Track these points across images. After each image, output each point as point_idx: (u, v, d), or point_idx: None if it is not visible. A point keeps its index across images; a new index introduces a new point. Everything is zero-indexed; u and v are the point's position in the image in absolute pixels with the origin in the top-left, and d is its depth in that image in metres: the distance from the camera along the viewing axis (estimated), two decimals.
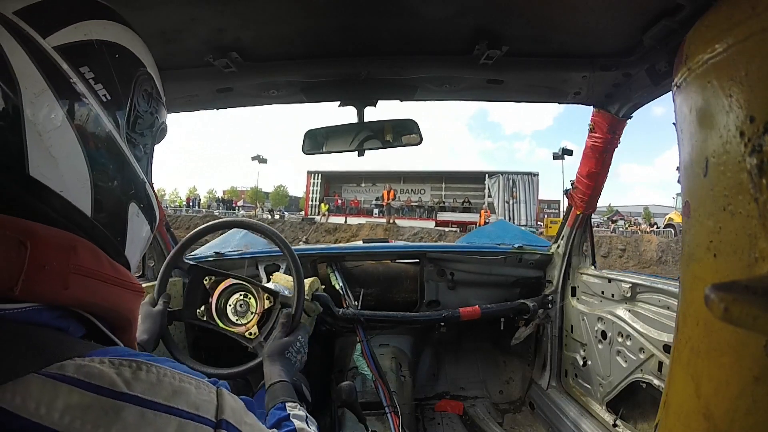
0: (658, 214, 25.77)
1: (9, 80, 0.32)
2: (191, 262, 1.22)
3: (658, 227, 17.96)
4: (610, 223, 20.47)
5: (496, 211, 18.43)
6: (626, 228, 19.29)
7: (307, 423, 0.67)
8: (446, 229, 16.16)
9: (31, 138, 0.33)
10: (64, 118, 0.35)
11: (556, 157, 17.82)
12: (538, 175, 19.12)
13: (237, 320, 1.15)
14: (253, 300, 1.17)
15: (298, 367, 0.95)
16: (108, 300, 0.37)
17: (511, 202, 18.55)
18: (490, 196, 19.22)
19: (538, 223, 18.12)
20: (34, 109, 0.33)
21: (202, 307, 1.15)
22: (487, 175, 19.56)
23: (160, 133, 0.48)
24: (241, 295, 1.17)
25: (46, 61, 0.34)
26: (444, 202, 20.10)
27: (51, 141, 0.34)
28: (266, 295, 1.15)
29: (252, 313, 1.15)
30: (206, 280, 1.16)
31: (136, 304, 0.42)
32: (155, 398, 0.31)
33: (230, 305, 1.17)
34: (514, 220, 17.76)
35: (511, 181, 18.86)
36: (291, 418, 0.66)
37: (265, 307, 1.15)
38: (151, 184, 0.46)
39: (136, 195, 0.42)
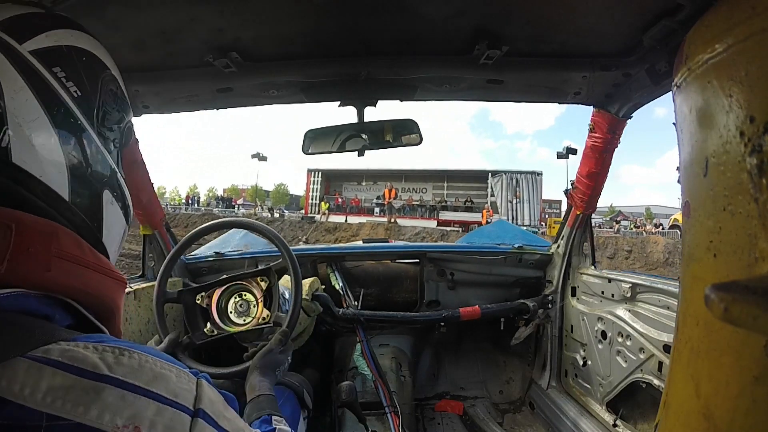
0: (660, 214, 25.70)
1: None
2: (190, 261, 1.22)
3: (663, 228, 17.86)
4: (614, 223, 20.16)
5: (499, 210, 18.21)
6: (631, 229, 18.98)
7: None
8: (448, 228, 15.98)
9: (13, 129, 0.37)
10: (41, 110, 0.39)
11: (560, 156, 17.67)
12: (541, 174, 18.79)
13: (244, 320, 1.16)
14: (249, 295, 1.17)
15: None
16: (90, 286, 0.40)
17: (514, 202, 18.30)
18: (492, 195, 18.99)
19: (541, 223, 17.95)
20: (14, 103, 0.37)
21: (208, 324, 1.15)
22: (490, 174, 19.27)
23: (127, 131, 0.51)
24: (236, 296, 1.17)
25: (23, 63, 0.39)
26: (446, 202, 19.90)
27: (30, 131, 0.38)
28: (259, 278, 1.16)
29: (254, 306, 1.16)
30: (199, 299, 1.17)
31: (119, 293, 0.44)
32: (136, 381, 0.33)
33: (231, 311, 1.17)
34: (517, 219, 17.59)
35: (514, 181, 18.56)
36: None
37: (264, 288, 1.15)
38: (123, 175, 0.50)
39: (109, 183, 0.46)
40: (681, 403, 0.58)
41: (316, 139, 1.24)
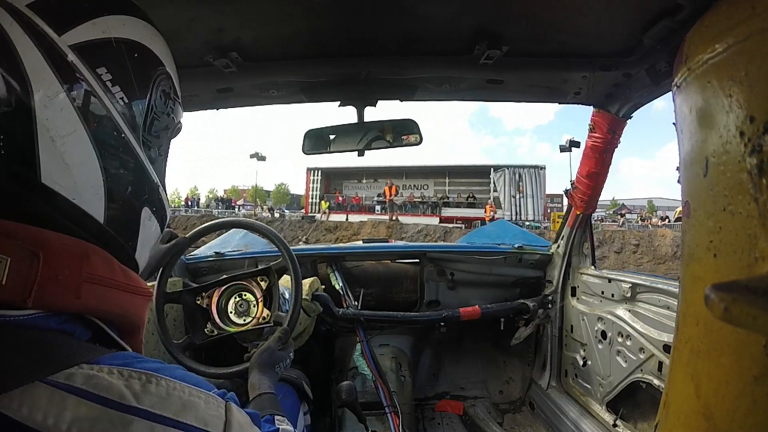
0: (662, 207, 25.49)
1: (21, 80, 0.30)
2: (190, 261, 1.22)
3: (669, 221, 17.58)
4: (619, 216, 19.67)
5: (503, 205, 17.88)
6: (637, 222, 18.48)
7: None
8: (451, 225, 15.74)
9: (44, 144, 0.31)
10: (79, 123, 0.33)
11: (563, 149, 17.49)
12: (544, 168, 18.34)
13: (244, 320, 1.16)
14: (249, 294, 1.17)
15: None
16: (119, 306, 0.37)
17: (517, 197, 17.95)
18: (495, 190, 18.55)
19: (545, 218, 17.61)
20: (47, 113, 0.31)
21: (208, 324, 1.15)
22: (492, 169, 18.88)
23: (174, 131, 0.47)
24: (236, 296, 1.17)
25: (61, 61, 0.32)
26: (448, 198, 19.54)
27: (64, 147, 0.32)
28: (259, 278, 1.16)
29: (254, 306, 1.16)
30: (199, 300, 1.16)
31: (144, 308, 0.41)
32: (164, 412, 0.31)
33: (231, 312, 1.17)
34: (521, 215, 17.35)
35: (517, 175, 18.18)
36: None
37: (264, 288, 1.15)
38: (164, 186, 0.45)
39: (149, 199, 0.41)
40: (681, 403, 0.58)
41: (316, 139, 1.24)
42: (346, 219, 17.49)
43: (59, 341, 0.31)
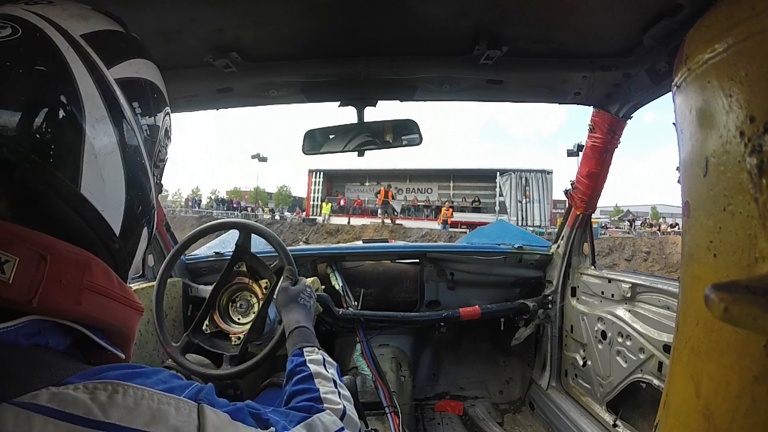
0: (665, 213, 25.23)
1: (76, 102, 0.35)
2: (190, 262, 1.22)
3: (678, 228, 17.46)
4: (627, 223, 19.26)
5: (508, 210, 17.59)
6: (645, 228, 18.13)
7: (324, 367, 0.67)
8: (457, 230, 15.35)
9: (88, 159, 0.36)
10: (117, 145, 0.38)
11: (570, 153, 17.34)
12: (551, 172, 17.95)
13: (239, 319, 1.16)
14: (249, 294, 1.17)
15: (313, 314, 0.94)
16: (116, 318, 0.38)
17: (524, 202, 17.60)
18: (501, 195, 18.34)
19: (552, 224, 17.05)
20: (95, 133, 0.36)
21: (208, 323, 1.15)
22: (498, 173, 18.48)
23: (165, 162, 0.51)
24: (236, 296, 1.18)
25: (108, 91, 0.38)
26: (453, 202, 19.15)
27: (104, 165, 0.37)
28: (262, 282, 1.16)
29: (255, 305, 1.16)
30: (198, 298, 1.17)
31: (136, 322, 0.43)
32: (133, 425, 0.30)
33: (231, 311, 1.17)
34: (527, 220, 17.07)
35: (523, 179, 17.82)
36: (307, 363, 0.67)
37: (264, 287, 1.15)
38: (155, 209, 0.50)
39: (149, 220, 0.46)
40: (681, 403, 0.58)
41: (316, 140, 1.24)
42: (348, 222, 17.32)
43: (27, 359, 0.31)
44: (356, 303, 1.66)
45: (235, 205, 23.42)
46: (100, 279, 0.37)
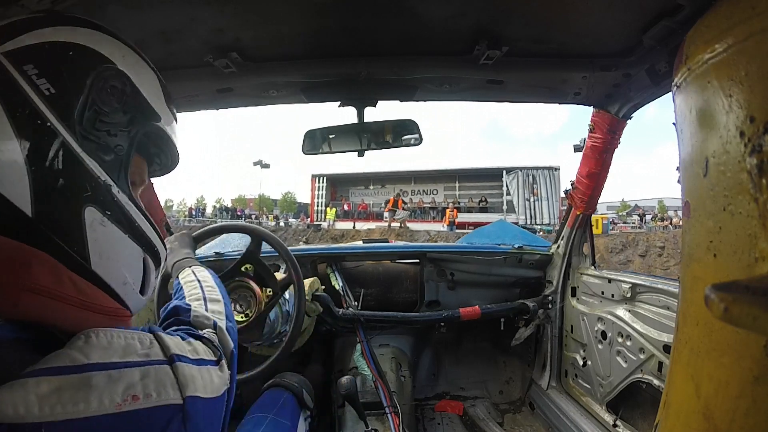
0: (672, 207, 24.89)
1: None
2: None
3: None
4: (637, 218, 18.77)
5: (516, 209, 17.23)
6: (656, 223, 17.61)
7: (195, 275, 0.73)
8: (464, 231, 14.60)
9: None
10: (2, 112, 0.35)
11: (577, 149, 17.12)
12: (559, 169, 17.28)
13: (244, 317, 1.16)
14: (249, 292, 1.17)
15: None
16: (68, 322, 0.36)
17: (531, 200, 17.16)
18: (508, 194, 17.84)
19: (560, 221, 17.10)
20: None
21: None
22: (504, 172, 17.98)
23: (144, 137, 0.45)
24: (236, 294, 1.18)
25: None
26: (459, 203, 18.71)
27: None
28: (266, 290, 1.16)
29: (254, 303, 1.16)
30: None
31: (106, 325, 0.38)
32: (112, 359, 0.34)
33: (232, 301, 1.17)
34: (535, 218, 16.74)
35: (530, 177, 17.32)
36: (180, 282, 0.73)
37: (265, 300, 1.15)
38: (129, 190, 0.43)
39: (93, 198, 0.39)
40: (681, 403, 0.58)
41: (316, 140, 1.24)
42: (354, 227, 16.86)
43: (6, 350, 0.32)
44: (356, 303, 1.66)
45: (239, 213, 23.19)
46: (45, 279, 0.35)
